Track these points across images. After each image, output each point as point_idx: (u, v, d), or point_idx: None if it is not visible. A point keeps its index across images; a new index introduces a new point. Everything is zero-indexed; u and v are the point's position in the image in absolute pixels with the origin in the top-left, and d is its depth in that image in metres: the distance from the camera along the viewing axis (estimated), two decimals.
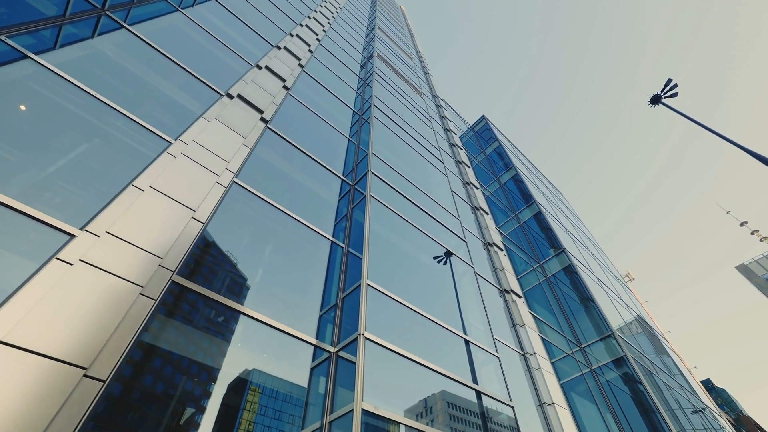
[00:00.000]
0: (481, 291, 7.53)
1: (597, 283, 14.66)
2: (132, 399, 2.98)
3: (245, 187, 5.32)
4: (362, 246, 5.43)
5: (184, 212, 4.00)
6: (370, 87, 11.42)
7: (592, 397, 10.41)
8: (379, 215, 6.68)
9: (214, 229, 4.55)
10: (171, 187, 4.05)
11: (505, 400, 5.58)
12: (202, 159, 4.67)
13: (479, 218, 11.87)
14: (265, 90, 7.01)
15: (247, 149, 5.72)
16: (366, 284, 4.83)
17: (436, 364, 5.11)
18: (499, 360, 6.29)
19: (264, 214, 5.53)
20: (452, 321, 6.21)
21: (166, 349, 3.39)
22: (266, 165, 6.27)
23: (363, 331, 4.24)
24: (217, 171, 4.76)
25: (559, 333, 12.00)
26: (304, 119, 8.28)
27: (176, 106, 5.44)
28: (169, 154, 4.48)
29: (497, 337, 7.53)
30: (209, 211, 4.40)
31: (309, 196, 6.73)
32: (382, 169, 7.86)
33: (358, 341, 4.16)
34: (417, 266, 6.74)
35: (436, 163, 11.06)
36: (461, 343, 5.96)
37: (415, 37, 32.65)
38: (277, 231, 5.57)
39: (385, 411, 3.79)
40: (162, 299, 3.47)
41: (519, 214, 16.38)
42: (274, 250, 5.27)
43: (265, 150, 6.38)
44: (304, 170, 7.16)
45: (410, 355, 4.64)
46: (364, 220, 5.87)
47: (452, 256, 7.80)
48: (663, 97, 17.02)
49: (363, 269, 5.03)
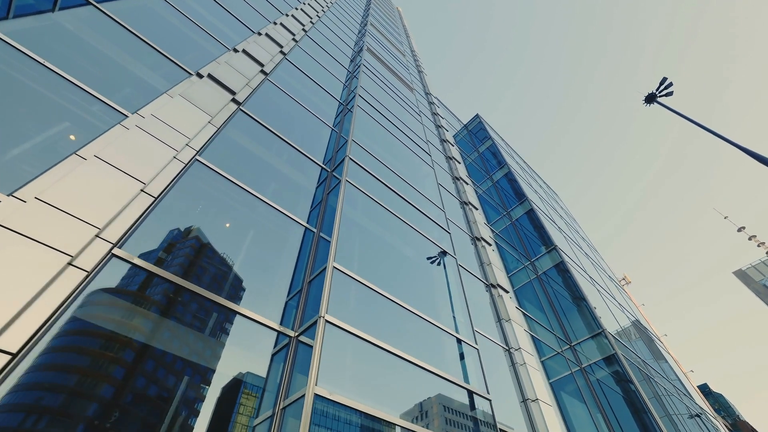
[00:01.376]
0: (463, 283, 7.27)
1: (589, 282, 14.41)
2: (58, 378, 2.72)
3: (210, 166, 5.07)
4: (332, 229, 5.18)
5: (132, 184, 3.75)
6: (357, 79, 11.22)
7: (581, 396, 10.12)
8: (356, 201, 6.44)
9: (173, 207, 4.30)
10: (118, 157, 3.80)
11: (482, 393, 5.31)
12: (159, 133, 4.43)
13: (468, 213, 11.64)
14: (239, 72, 6.78)
15: (214, 128, 5.48)
16: (332, 266, 4.58)
17: (408, 353, 4.84)
18: (478, 352, 6.02)
19: (232, 197, 5.28)
20: (430, 311, 5.95)
21: (109, 329, 3.13)
22: (238, 147, 6.03)
23: (323, 314, 3.98)
24: (175, 146, 4.52)
25: (548, 331, 11.73)
26: (285, 106, 8.05)
27: (140, 83, 5.21)
28: (122, 126, 4.25)
29: (479, 329, 7.27)
30: (164, 186, 4.15)
31: (285, 182, 6.49)
32: (362, 156, 7.63)
33: (317, 324, 3.91)
34: (395, 255, 6.49)
35: (423, 155, 10.83)
36: (438, 333, 5.70)
37: (410, 37, 32.59)
38: (246, 214, 5.32)
39: (341, 397, 3.52)
40: (100, 273, 3.21)
41: (511, 211, 16.15)
42: (242, 234, 5.01)
43: (236, 132, 6.14)
44: (281, 156, 6.92)
45: (375, 341, 4.37)
46: (337, 204, 5.63)
47: (436, 247, 7.56)
48: (658, 96, 16.86)
49: (330, 252, 4.78)
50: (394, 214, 7.01)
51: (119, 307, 3.33)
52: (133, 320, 3.39)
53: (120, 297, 3.38)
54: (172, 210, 4.27)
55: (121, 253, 3.44)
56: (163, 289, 3.72)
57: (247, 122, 6.50)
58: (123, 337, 3.16)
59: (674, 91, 17.02)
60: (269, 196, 5.69)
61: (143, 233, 3.81)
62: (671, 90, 16.56)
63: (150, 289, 3.72)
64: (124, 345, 3.15)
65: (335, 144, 8.33)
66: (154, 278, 3.76)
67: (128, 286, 3.58)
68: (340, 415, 3.60)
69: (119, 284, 3.53)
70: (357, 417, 3.66)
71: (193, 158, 4.85)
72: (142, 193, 3.87)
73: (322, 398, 3.40)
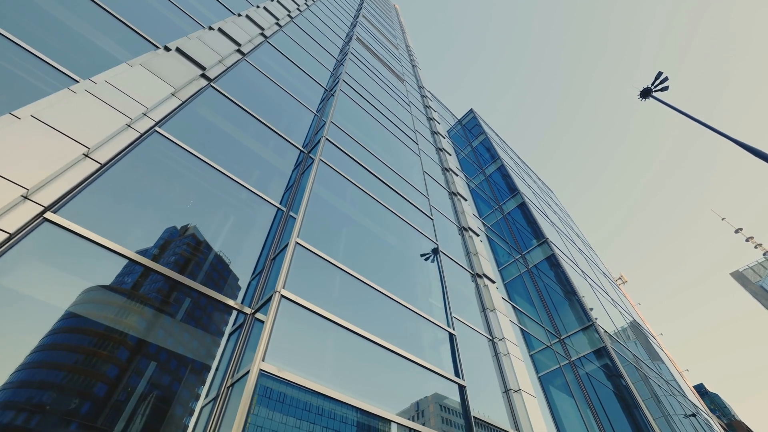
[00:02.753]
0: (442, 269, 7.03)
1: (581, 276, 14.19)
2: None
3: (171, 138, 4.83)
4: (300, 206, 4.93)
5: (73, 147, 3.50)
6: (343, 65, 10.99)
7: (569, 390, 9.89)
8: (331, 182, 6.20)
9: (126, 176, 4.05)
10: (59, 119, 3.56)
11: (456, 379, 5.07)
12: (111, 99, 4.18)
13: (456, 203, 11.41)
14: (211, 49, 6.54)
15: (178, 101, 5.23)
16: (295, 242, 4.33)
17: (378, 335, 4.60)
18: (454, 337, 5.78)
19: (198, 173, 5.03)
20: (404, 295, 5.71)
21: (33, 295, 2.88)
22: (207, 124, 5.78)
23: (280, 289, 3.73)
24: (129, 114, 4.27)
25: (538, 324, 11.50)
26: (265, 88, 7.80)
27: (101, 55, 4.97)
28: (70, 91, 4.00)
29: (460, 317, 7.03)
30: (113, 154, 3.90)
31: (259, 163, 6.24)
32: (341, 138, 7.39)
33: (272, 299, 3.66)
34: (371, 238, 6.25)
35: (409, 143, 10.60)
36: (412, 317, 5.45)
37: (406, 33, 32.38)
38: (214, 193, 5.07)
39: (293, 375, 3.28)
40: (27, 237, 2.96)
41: (503, 205, 15.92)
42: (208, 213, 4.76)
43: (206, 109, 5.90)
44: (257, 138, 6.67)
45: (339, 320, 4.13)
46: (308, 181, 5.38)
47: (416, 233, 7.31)
48: (654, 91, 16.67)
49: (295, 227, 4.54)
50: (371, 196, 6.77)
51: (113, 305, 3.17)
52: (126, 318, 3.21)
53: (115, 294, 3.23)
54: (124, 179, 4.02)
55: (56, 218, 3.19)
56: (115, 263, 3.47)
57: (218, 99, 6.26)
58: (116, 334, 2.92)
59: (675, 92, 16.80)
60: (241, 176, 5.45)
61: (89, 201, 3.57)
62: (667, 84, 16.38)
63: (145, 287, 3.56)
64: (118, 342, 2.95)
65: (315, 128, 8.09)
66: (150, 274, 3.56)
67: (122, 284, 3.40)
68: (283, 389, 3.35)
69: (114, 282, 3.38)
70: (303, 393, 3.41)
71: (152, 129, 4.60)
72: (86, 158, 3.63)
73: (272, 377, 3.16)
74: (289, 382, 3.27)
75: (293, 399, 3.39)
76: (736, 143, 10.05)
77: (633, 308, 23.37)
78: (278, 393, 3.35)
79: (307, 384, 3.35)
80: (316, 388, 3.44)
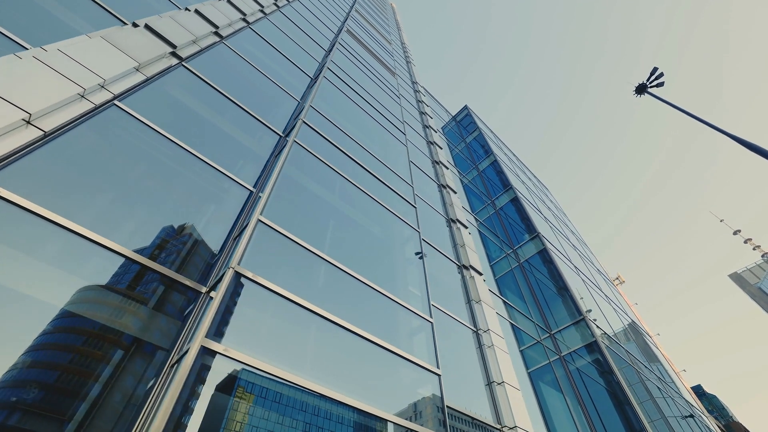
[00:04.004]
0: (424, 257, 6.81)
1: (574, 271, 13.97)
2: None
3: (134, 114, 4.61)
4: (267, 185, 4.72)
5: (11, 111, 3.29)
6: (330, 54, 10.79)
7: (558, 386, 9.65)
8: (306, 165, 5.99)
9: (76, 147, 3.83)
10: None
11: (430, 367, 4.84)
12: (62, 67, 3.97)
13: (445, 195, 11.20)
14: (185, 28, 6.33)
15: (143, 76, 5.02)
16: (257, 219, 4.11)
17: (348, 320, 4.38)
18: (432, 326, 5.55)
19: (165, 153, 4.81)
20: (380, 280, 5.48)
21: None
22: (177, 104, 5.57)
23: (234, 265, 3.51)
24: (82, 84, 4.05)
25: (528, 319, 11.27)
26: (245, 73, 7.59)
27: (62, 27, 4.76)
28: (15, 56, 3.78)
29: (441, 307, 6.81)
30: (60, 123, 3.68)
31: (235, 147, 6.02)
32: (320, 123, 7.17)
33: (225, 275, 3.44)
34: (348, 223, 6.03)
35: (396, 134, 10.39)
36: (385, 302, 5.23)
37: (402, 31, 32.25)
38: (182, 173, 4.85)
39: (241, 354, 3.05)
40: None
41: (495, 200, 15.71)
42: (174, 193, 4.54)
43: (176, 88, 5.68)
44: (235, 122, 6.45)
45: (303, 302, 3.91)
46: (279, 161, 5.17)
47: (397, 220, 7.10)
48: (649, 87, 16.51)
49: (259, 204, 4.32)
50: (349, 180, 6.56)
51: (108, 304, 2.98)
52: (122, 317, 3.02)
53: (110, 293, 3.04)
54: (76, 151, 3.80)
55: None
56: (63, 238, 3.25)
57: (191, 80, 6.04)
58: (111, 333, 2.70)
59: (674, 91, 16.65)
60: (213, 159, 5.23)
61: (29, 168, 3.35)
62: (662, 80, 16.22)
63: (141, 287, 3.36)
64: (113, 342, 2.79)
65: (296, 113, 7.88)
66: (147, 272, 3.36)
67: (118, 283, 3.20)
68: (228, 370, 3.13)
69: (109, 281, 3.19)
70: (250, 374, 3.18)
71: (110, 102, 4.39)
72: (27, 124, 3.41)
73: (210, 352, 2.93)
74: (238, 361, 3.04)
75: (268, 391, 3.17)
76: (732, 138, 9.87)
77: (630, 308, 23.15)
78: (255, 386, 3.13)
79: (261, 366, 3.12)
80: (271, 371, 3.22)
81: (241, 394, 3.08)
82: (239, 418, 2.98)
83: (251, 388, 3.24)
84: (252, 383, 3.23)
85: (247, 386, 3.18)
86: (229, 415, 2.99)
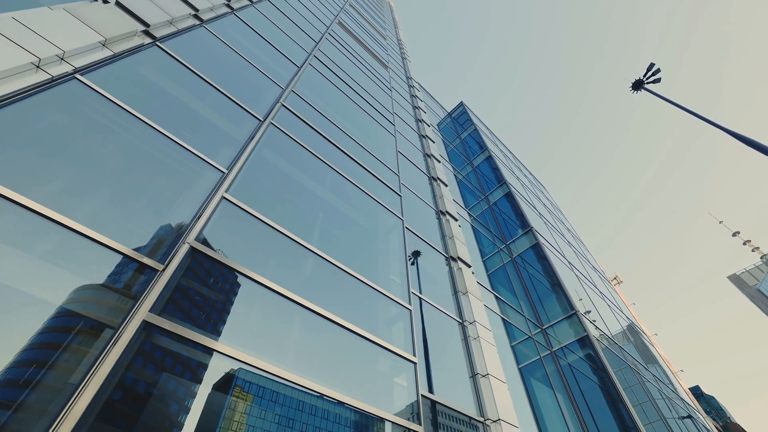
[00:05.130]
0: (406, 244, 6.62)
1: (567, 267, 13.78)
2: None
3: (99, 90, 4.42)
4: (236, 163, 4.53)
5: None
6: (318, 44, 10.61)
7: (548, 381, 9.45)
8: (283, 148, 5.81)
9: (33, 121, 3.64)
10: None
11: (406, 355, 4.64)
12: (14, 35, 3.78)
13: (435, 188, 11.02)
14: (160, 8, 6.15)
15: (110, 52, 4.84)
16: (221, 196, 3.93)
17: (318, 304, 4.18)
18: (410, 313, 5.36)
19: (133, 132, 4.61)
20: (359, 267, 5.29)
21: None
22: (149, 84, 5.37)
23: (191, 240, 3.32)
24: (36, 53, 3.87)
25: (520, 314, 11.08)
26: (226, 59, 7.40)
27: (25, 2, 4.58)
28: None
29: (426, 298, 6.61)
30: (10, 90, 3.50)
31: (213, 131, 5.82)
32: (302, 108, 6.99)
33: (179, 251, 3.25)
34: (327, 208, 5.84)
35: (385, 124, 10.21)
36: (363, 289, 5.04)
37: (399, 29, 32.13)
38: (152, 154, 4.66)
39: (185, 330, 2.86)
40: None
41: (489, 195, 15.53)
42: (142, 173, 4.35)
43: (149, 68, 5.49)
44: (213, 106, 6.25)
45: (269, 284, 3.71)
46: (251, 141, 4.98)
47: (381, 208, 6.91)
48: (645, 83, 16.34)
49: (225, 182, 4.13)
50: (330, 166, 6.37)
51: (104, 303, 2.81)
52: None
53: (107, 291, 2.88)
54: (29, 122, 3.61)
55: None
56: (13, 213, 3.05)
57: (166, 60, 5.86)
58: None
59: (674, 90, 16.50)
60: (187, 141, 5.03)
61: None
62: (659, 77, 16.06)
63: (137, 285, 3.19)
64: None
65: (278, 99, 7.69)
66: (103, 250, 3.15)
67: (115, 282, 3.05)
68: (166, 344, 2.94)
69: (106, 280, 3.06)
70: (194, 350, 2.99)
71: (70, 75, 4.20)
72: None
73: (152, 326, 2.74)
74: (191, 341, 2.85)
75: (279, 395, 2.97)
76: (729, 133, 9.69)
77: (627, 308, 22.94)
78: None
79: (214, 346, 2.93)
80: (225, 351, 3.03)
81: (190, 375, 2.90)
82: (153, 388, 2.79)
83: (202, 373, 3.05)
84: (205, 365, 3.04)
85: (199, 370, 2.99)
86: (147, 390, 2.80)
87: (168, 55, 5.91)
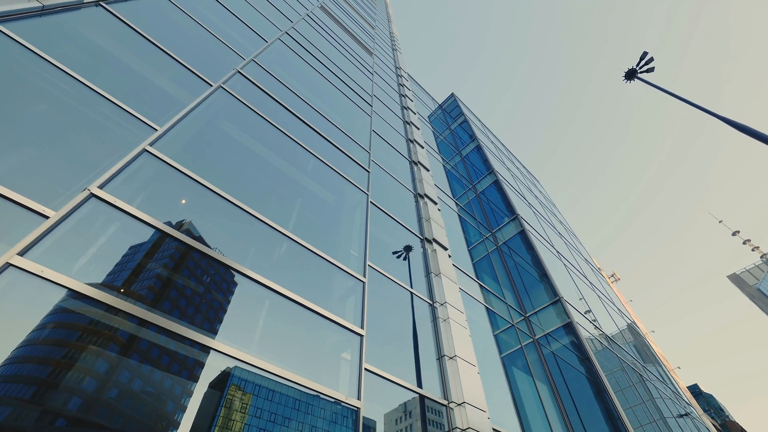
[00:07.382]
0: (368, 218, 6.28)
1: (555, 255, 13.43)
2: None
3: (22, 42, 4.10)
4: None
5: None
6: (294, 23, 10.29)
7: (529, 370, 9.10)
8: (238, 117, 5.47)
9: None
10: None
11: (354, 328, 4.30)
12: None
13: (415, 172, 10.69)
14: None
15: (38, 4, 4.51)
16: (143, 149, 3.60)
17: (256, 270, 3.85)
18: (364, 285, 5.02)
19: (59, 88, 4.29)
20: (311, 238, 4.95)
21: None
22: (89, 43, 5.05)
23: (93, 188, 2.99)
24: None
25: (503, 301, 10.73)
26: (184, 27, 7.06)
27: None
28: None
29: (373, 264, 6.26)
30: None
31: (160, 96, 5.49)
32: (263, 78, 6.66)
33: (74, 196, 2.91)
34: (284, 180, 5.51)
35: (360, 103, 9.88)
36: (313, 260, 4.70)
37: (393, 23, 31.83)
38: (79, 109, 4.32)
39: (69, 279, 2.53)
40: None
41: (477, 184, 15.19)
42: (70, 129, 4.02)
43: (90, 28, 5.17)
44: (165, 74, 5.94)
45: (181, 237, 3.37)
46: (192, 102, 4.65)
47: (345, 182, 6.57)
48: (638, 72, 16.01)
49: (151, 136, 3.79)
50: (289, 136, 6.03)
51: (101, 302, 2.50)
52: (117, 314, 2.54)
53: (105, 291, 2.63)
54: None
55: None
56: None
57: (112, 23, 5.53)
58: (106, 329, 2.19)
59: (674, 90, 16.24)
60: (123, 100, 4.70)
61: None
62: (652, 66, 15.73)
63: (136, 285, 2.95)
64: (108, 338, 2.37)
65: None
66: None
67: (114, 281, 2.83)
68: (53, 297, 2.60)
69: (105, 279, 2.83)
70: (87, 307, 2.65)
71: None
72: None
73: (17, 268, 2.40)
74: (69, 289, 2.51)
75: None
76: (726, 121, 9.36)
77: (624, 304, 22.57)
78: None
79: (91, 293, 2.59)
80: (126, 309, 2.69)
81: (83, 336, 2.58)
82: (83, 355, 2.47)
83: (114, 331, 2.71)
84: (115, 328, 2.72)
85: (102, 327, 2.66)
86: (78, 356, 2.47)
87: (115, 17, 5.58)
